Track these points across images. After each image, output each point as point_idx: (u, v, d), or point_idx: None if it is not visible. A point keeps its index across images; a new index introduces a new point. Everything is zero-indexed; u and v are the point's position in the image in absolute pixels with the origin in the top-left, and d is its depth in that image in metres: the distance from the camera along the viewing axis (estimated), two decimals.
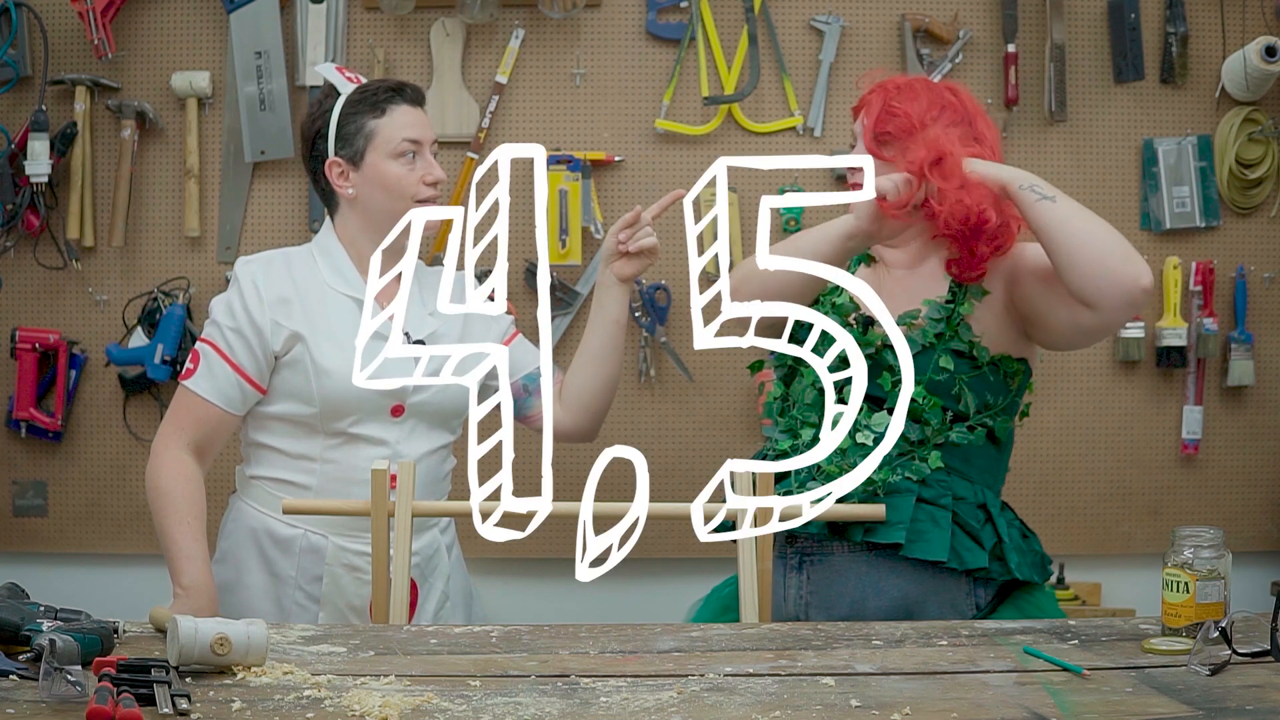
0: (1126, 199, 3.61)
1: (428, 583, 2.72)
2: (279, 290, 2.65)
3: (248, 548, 2.68)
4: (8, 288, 3.52)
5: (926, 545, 2.38)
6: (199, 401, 2.63)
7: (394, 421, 2.65)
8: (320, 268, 2.69)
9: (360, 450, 2.63)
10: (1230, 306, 3.60)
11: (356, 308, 2.66)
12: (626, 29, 3.56)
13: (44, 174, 3.42)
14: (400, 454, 2.63)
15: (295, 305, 2.64)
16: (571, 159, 3.50)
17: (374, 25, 3.54)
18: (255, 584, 2.67)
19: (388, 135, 2.65)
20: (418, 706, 1.75)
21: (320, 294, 2.67)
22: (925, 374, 2.44)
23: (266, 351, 2.63)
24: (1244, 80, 3.50)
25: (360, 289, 2.67)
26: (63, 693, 1.70)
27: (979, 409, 2.47)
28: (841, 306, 2.54)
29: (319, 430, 2.64)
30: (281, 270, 2.68)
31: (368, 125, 2.66)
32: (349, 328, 2.63)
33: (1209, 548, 2.07)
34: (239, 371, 2.62)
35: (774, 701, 1.78)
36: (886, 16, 3.56)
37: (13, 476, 3.58)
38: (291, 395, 2.64)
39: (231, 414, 2.65)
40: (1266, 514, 3.64)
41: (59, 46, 3.51)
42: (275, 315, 2.63)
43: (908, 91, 2.53)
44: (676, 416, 3.57)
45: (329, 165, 2.67)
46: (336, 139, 2.66)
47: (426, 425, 2.69)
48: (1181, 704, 1.77)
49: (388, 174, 2.65)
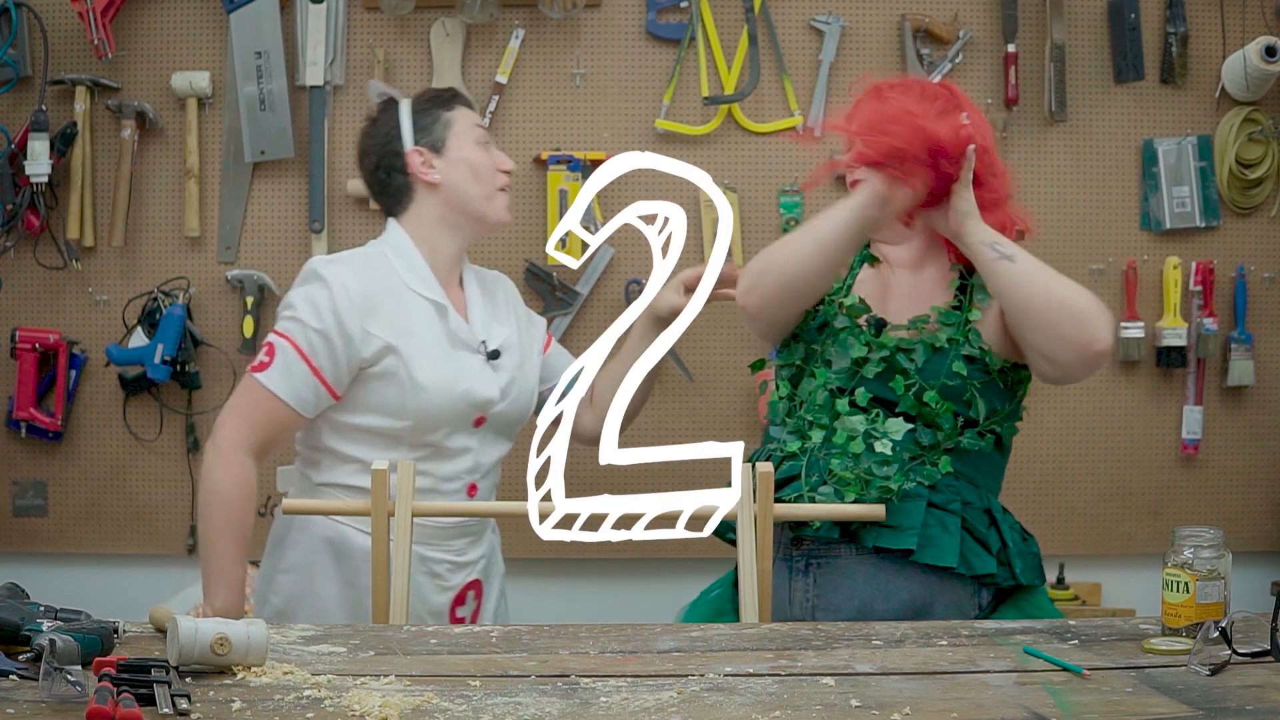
0: (1126, 199, 3.61)
1: (489, 583, 2.75)
2: (370, 296, 2.58)
3: (322, 558, 2.62)
4: (8, 288, 3.52)
5: (937, 551, 2.38)
6: (271, 398, 2.54)
7: (474, 432, 2.66)
8: (398, 269, 2.65)
9: (446, 460, 2.63)
10: (1230, 306, 3.60)
11: (435, 311, 2.63)
12: (626, 29, 3.56)
13: (44, 174, 3.42)
14: (480, 464, 2.67)
15: (384, 312, 2.58)
16: (571, 159, 3.50)
17: (374, 25, 3.54)
18: (329, 594, 2.61)
19: (465, 124, 2.72)
20: (418, 706, 1.75)
21: (402, 299, 2.61)
22: (938, 378, 2.44)
23: (352, 359, 2.56)
24: (1244, 80, 3.50)
25: (438, 291, 2.65)
26: (63, 693, 1.70)
27: (989, 415, 2.47)
28: (853, 309, 2.53)
29: (404, 442, 2.59)
30: (367, 273, 2.61)
31: (444, 115, 2.72)
32: (434, 335, 2.61)
33: (1209, 548, 2.07)
34: (318, 375, 2.55)
35: (774, 701, 1.78)
36: (886, 16, 3.56)
37: (13, 476, 3.58)
38: (382, 409, 2.59)
39: (302, 416, 2.57)
40: (1266, 514, 3.65)
41: (59, 46, 3.51)
42: (366, 323, 2.56)
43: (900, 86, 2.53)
44: (676, 416, 3.57)
45: (410, 155, 2.69)
46: (415, 130, 2.70)
47: (495, 434, 2.71)
48: (1181, 704, 1.77)
49: (473, 157, 2.70)
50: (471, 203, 2.68)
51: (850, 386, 2.47)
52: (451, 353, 2.62)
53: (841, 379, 2.48)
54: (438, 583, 2.65)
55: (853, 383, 2.47)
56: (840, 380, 2.48)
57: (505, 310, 2.78)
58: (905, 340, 2.46)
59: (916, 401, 2.43)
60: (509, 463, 3.65)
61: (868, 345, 2.46)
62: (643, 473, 3.65)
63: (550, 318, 3.54)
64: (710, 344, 3.57)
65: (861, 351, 2.46)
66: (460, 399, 2.60)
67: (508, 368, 2.70)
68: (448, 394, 2.58)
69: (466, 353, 2.65)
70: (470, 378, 2.62)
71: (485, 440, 2.68)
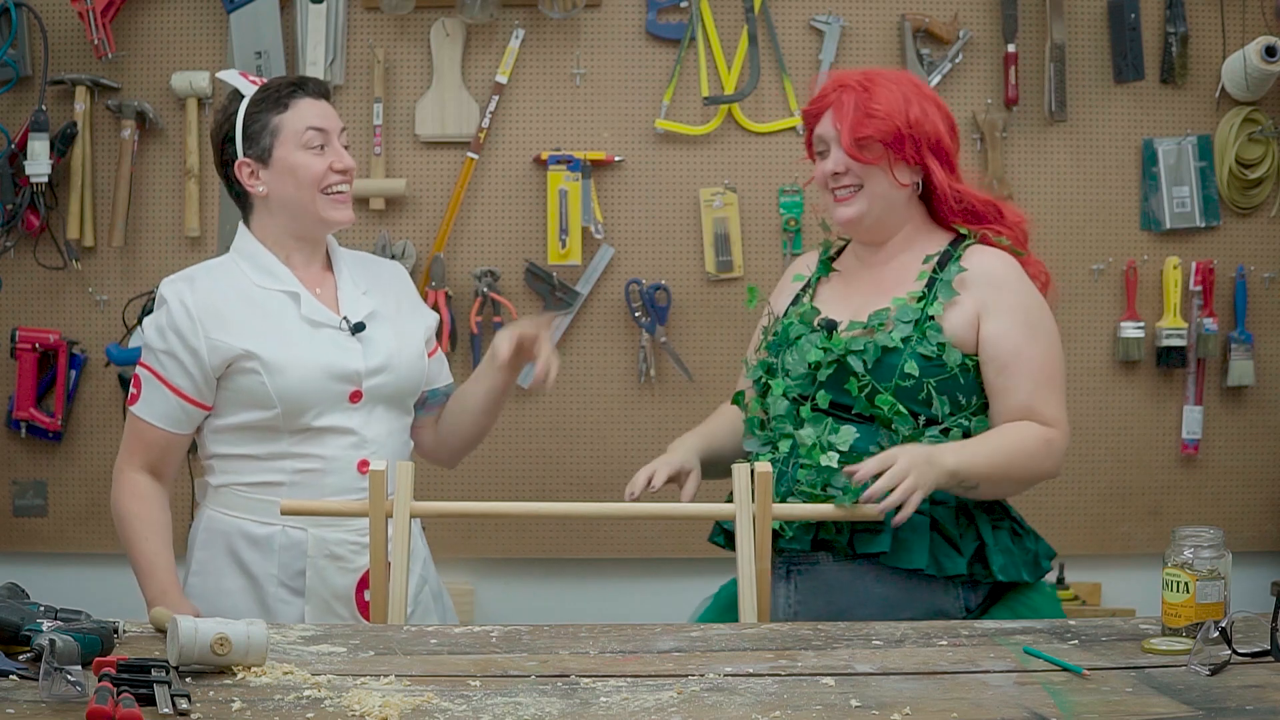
0: (1126, 199, 3.61)
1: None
2: (209, 304, 2.62)
3: (221, 554, 2.66)
4: (8, 288, 3.52)
5: (908, 554, 2.39)
6: (145, 426, 2.63)
7: (354, 408, 2.65)
8: (246, 271, 2.67)
9: (327, 441, 2.63)
10: (1230, 306, 3.60)
11: (291, 301, 2.65)
12: (626, 29, 3.56)
13: (44, 174, 3.42)
14: (366, 439, 2.64)
15: (232, 317, 2.62)
16: (571, 159, 3.50)
17: (374, 25, 3.54)
18: (233, 587, 2.65)
19: (293, 128, 2.64)
20: (418, 706, 1.75)
21: (252, 298, 2.64)
22: (891, 379, 2.43)
23: (204, 371, 2.60)
24: (1244, 80, 3.50)
25: (291, 282, 2.66)
26: (63, 693, 1.70)
27: (952, 411, 2.45)
28: (806, 313, 2.54)
29: (282, 430, 2.62)
30: (207, 284, 2.65)
31: (272, 122, 2.64)
32: (292, 323, 2.63)
33: (1209, 548, 2.07)
34: (179, 394, 2.61)
35: (774, 701, 1.78)
36: (886, 16, 3.56)
37: (13, 476, 3.58)
38: (248, 404, 2.62)
39: (180, 434, 2.65)
40: (1266, 514, 3.65)
41: (59, 46, 3.51)
42: (210, 332, 2.60)
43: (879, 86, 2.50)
44: (676, 416, 3.56)
45: (238, 166, 2.65)
46: (244, 140, 2.65)
47: (385, 407, 2.69)
48: (1181, 704, 1.77)
49: (296, 163, 2.63)
50: (303, 207, 2.64)
51: (810, 393, 2.48)
52: (310, 333, 2.64)
53: (802, 385, 2.49)
54: (340, 565, 2.63)
55: (812, 389, 2.47)
56: (801, 387, 2.49)
57: (387, 293, 2.77)
58: (856, 341, 2.45)
59: (869, 404, 2.43)
60: (504, 461, 3.65)
61: (823, 349, 2.46)
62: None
63: (550, 317, 3.54)
64: (710, 344, 3.57)
65: (818, 356, 2.46)
66: (322, 375, 2.60)
67: (380, 340, 2.68)
68: (307, 372, 2.60)
69: (327, 330, 2.65)
70: (330, 353, 2.62)
71: (369, 415, 2.67)
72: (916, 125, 2.47)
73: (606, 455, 3.57)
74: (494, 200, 3.56)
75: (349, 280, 2.72)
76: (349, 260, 2.77)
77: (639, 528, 3.56)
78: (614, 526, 3.56)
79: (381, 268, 2.84)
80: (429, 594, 2.77)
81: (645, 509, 2.49)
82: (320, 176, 2.63)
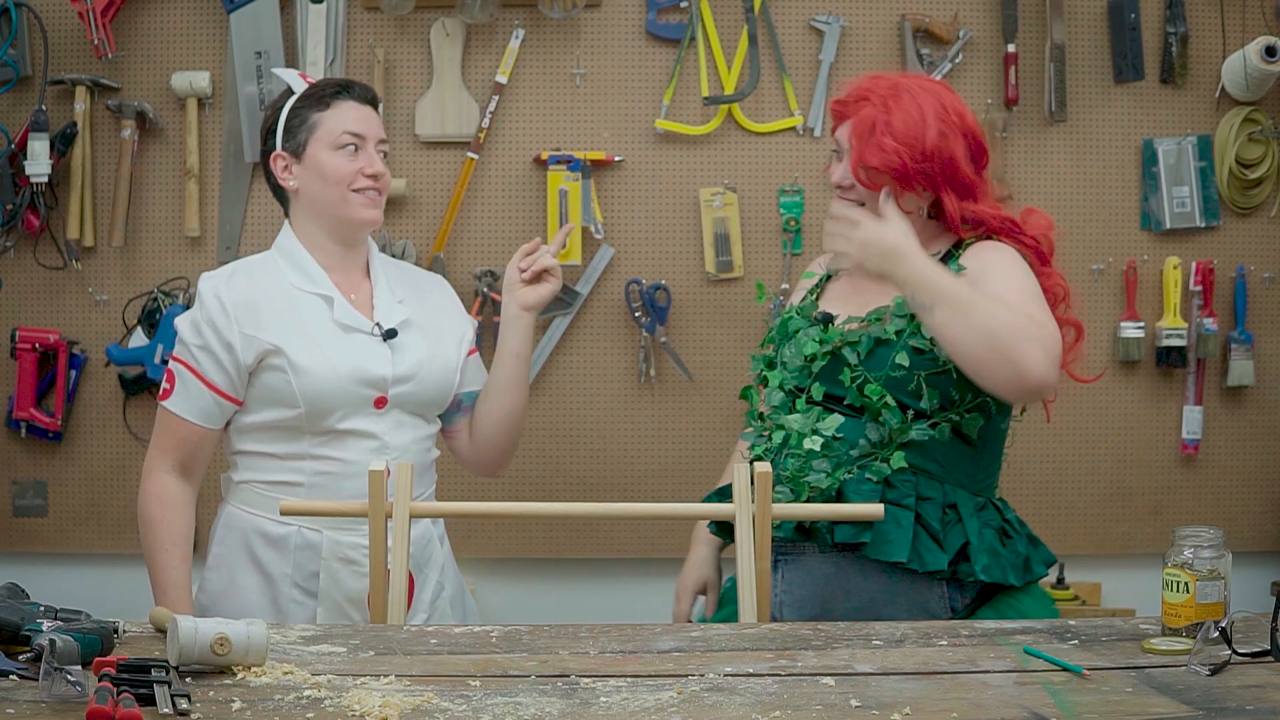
0: (1126, 199, 3.61)
1: (423, 574, 2.73)
2: (244, 300, 2.64)
3: (239, 551, 2.69)
4: (8, 288, 3.52)
5: (889, 546, 2.38)
6: (178, 421, 2.65)
7: (378, 414, 2.66)
8: (284, 270, 2.70)
9: (349, 444, 2.64)
10: (1230, 306, 3.60)
11: (325, 304, 2.67)
12: (626, 29, 3.56)
13: (44, 174, 3.42)
14: (388, 445, 2.65)
15: (264, 313, 2.64)
16: (571, 159, 3.50)
17: (374, 25, 3.54)
18: (249, 585, 2.67)
19: (330, 127, 2.67)
20: (418, 706, 1.75)
21: (288, 297, 2.67)
22: (882, 370, 2.43)
23: (238, 365, 2.63)
24: (1244, 80, 3.50)
25: (326, 285, 2.68)
26: (63, 693, 1.70)
27: (942, 405, 2.45)
28: (805, 307, 2.56)
29: (305, 431, 2.64)
30: (244, 280, 2.68)
31: (311, 118, 2.68)
32: (323, 326, 2.65)
33: (1209, 548, 2.07)
34: (212, 388, 2.63)
35: (774, 701, 1.78)
36: (886, 16, 3.56)
37: (13, 476, 3.58)
38: (273, 401, 2.64)
39: (212, 429, 2.67)
40: (1266, 514, 3.65)
41: (59, 46, 3.51)
42: (244, 327, 2.63)
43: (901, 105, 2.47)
44: (676, 416, 3.57)
45: (274, 159, 2.69)
46: (283, 133, 2.69)
47: (409, 416, 2.71)
48: (1181, 704, 1.77)
49: (325, 163, 2.66)
50: (329, 207, 2.68)
51: (806, 385, 2.49)
52: (342, 337, 2.66)
53: (798, 377, 2.50)
54: (354, 569, 2.64)
55: (808, 381, 2.49)
56: (797, 379, 2.50)
57: (425, 304, 2.79)
58: (850, 333, 2.46)
59: (859, 394, 2.43)
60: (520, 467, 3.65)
61: (819, 342, 2.48)
62: (647, 475, 3.67)
63: (550, 317, 3.54)
64: (710, 344, 3.57)
65: (814, 348, 2.47)
66: (349, 378, 2.62)
67: (412, 348, 2.70)
68: (334, 375, 2.61)
69: (358, 335, 2.67)
70: (359, 357, 2.64)
71: (393, 422, 2.68)
72: (931, 156, 2.44)
73: (606, 455, 3.57)
74: (494, 200, 3.56)
75: (385, 288, 2.74)
76: (389, 268, 2.80)
77: (639, 528, 3.56)
78: (614, 526, 3.56)
79: (421, 279, 2.87)
80: (446, 600, 2.78)
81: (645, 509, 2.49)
82: (349, 178, 2.66)
